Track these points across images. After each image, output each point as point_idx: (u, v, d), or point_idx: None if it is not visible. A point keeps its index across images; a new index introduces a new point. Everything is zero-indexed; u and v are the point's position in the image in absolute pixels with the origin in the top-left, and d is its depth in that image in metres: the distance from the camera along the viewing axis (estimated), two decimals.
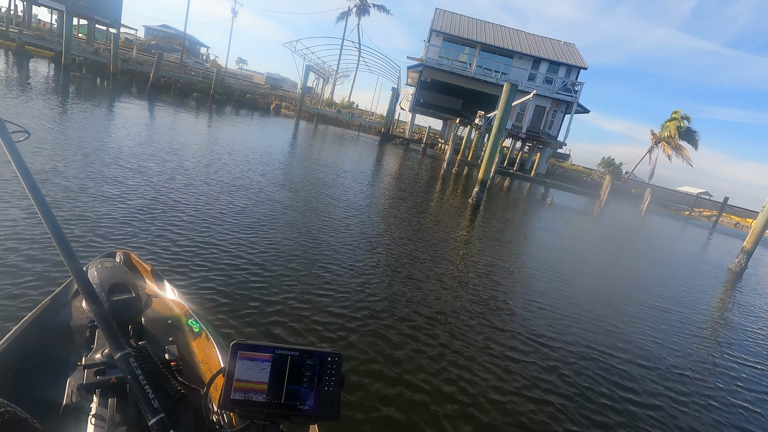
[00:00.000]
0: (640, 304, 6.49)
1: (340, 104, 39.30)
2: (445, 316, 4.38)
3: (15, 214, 4.18)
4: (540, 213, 15.99)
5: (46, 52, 24.87)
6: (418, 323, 4.09)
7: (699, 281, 9.56)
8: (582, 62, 29.24)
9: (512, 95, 12.21)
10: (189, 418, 1.39)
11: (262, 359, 1.07)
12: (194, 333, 1.83)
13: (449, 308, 4.63)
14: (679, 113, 32.75)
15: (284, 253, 5.02)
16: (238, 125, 18.73)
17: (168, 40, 46.62)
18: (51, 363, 1.45)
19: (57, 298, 1.79)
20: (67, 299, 1.82)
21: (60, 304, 1.77)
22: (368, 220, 7.68)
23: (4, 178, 4.95)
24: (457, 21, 31.07)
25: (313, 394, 1.07)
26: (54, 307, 1.73)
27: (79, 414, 1.23)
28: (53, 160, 6.29)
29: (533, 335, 4.40)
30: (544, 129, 29.44)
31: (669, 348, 4.95)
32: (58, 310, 1.73)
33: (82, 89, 16.40)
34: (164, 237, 4.66)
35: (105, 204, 5.12)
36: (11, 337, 1.46)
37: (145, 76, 24.46)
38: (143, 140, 9.60)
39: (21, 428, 0.77)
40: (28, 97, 11.21)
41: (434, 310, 4.47)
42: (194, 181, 7.23)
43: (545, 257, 8.19)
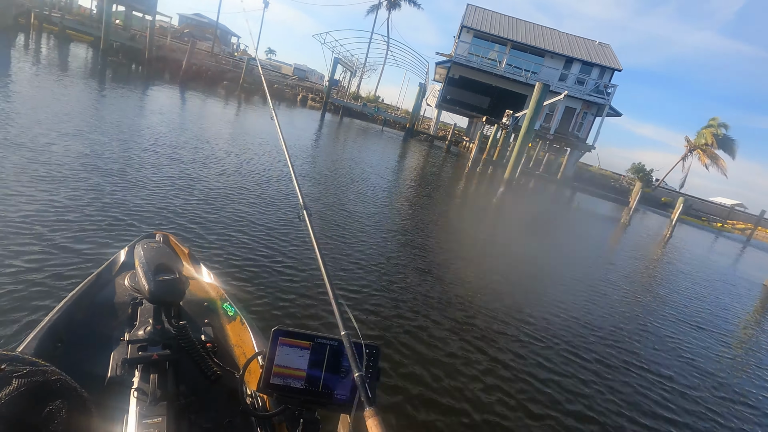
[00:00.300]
0: (668, 319, 6.28)
1: (366, 98, 39.27)
2: (471, 320, 4.34)
3: (60, 195, 4.33)
4: (566, 217, 15.65)
5: (86, 37, 25.65)
6: (448, 323, 4.06)
7: (733, 297, 9.19)
8: (617, 64, 28.33)
9: (543, 95, 11.95)
10: (223, 398, 1.42)
11: (301, 347, 1.08)
12: (229, 317, 1.87)
13: (477, 312, 4.58)
14: (716, 120, 31.48)
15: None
16: (265, 115, 18.96)
17: (201, 28, 47.43)
18: (96, 337, 1.50)
19: (101, 275, 1.85)
20: (111, 276, 1.89)
21: (104, 281, 1.84)
22: (393, 216, 7.66)
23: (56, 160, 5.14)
24: (488, 18, 30.53)
25: (351, 384, 1.07)
26: (99, 283, 1.80)
27: (123, 387, 1.27)
28: (94, 144, 6.48)
29: (566, 342, 4.31)
30: (573, 131, 28.72)
31: (710, 371, 4.78)
32: (103, 287, 1.80)
33: (118, 74, 16.87)
34: (199, 222, 4.78)
35: (143, 188, 5.26)
36: (61, 310, 1.51)
37: (177, 63, 24.97)
38: (176, 127, 9.81)
39: (71, 397, 0.79)
40: (69, 80, 11.59)
41: (467, 314, 4.42)
42: (228, 170, 7.35)
43: (570, 263, 8.01)
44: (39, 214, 3.81)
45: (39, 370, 0.78)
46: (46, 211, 3.90)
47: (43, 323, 1.43)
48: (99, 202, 4.46)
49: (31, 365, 0.78)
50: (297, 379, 1.07)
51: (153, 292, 1.37)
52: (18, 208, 3.81)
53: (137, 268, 1.46)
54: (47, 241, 3.44)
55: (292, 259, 4.50)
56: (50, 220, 3.77)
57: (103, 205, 4.43)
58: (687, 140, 33.09)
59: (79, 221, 3.93)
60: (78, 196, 4.44)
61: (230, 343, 1.75)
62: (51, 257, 3.24)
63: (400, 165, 16.03)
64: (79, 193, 4.50)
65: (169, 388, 1.28)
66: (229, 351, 1.70)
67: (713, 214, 34.77)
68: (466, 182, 16.13)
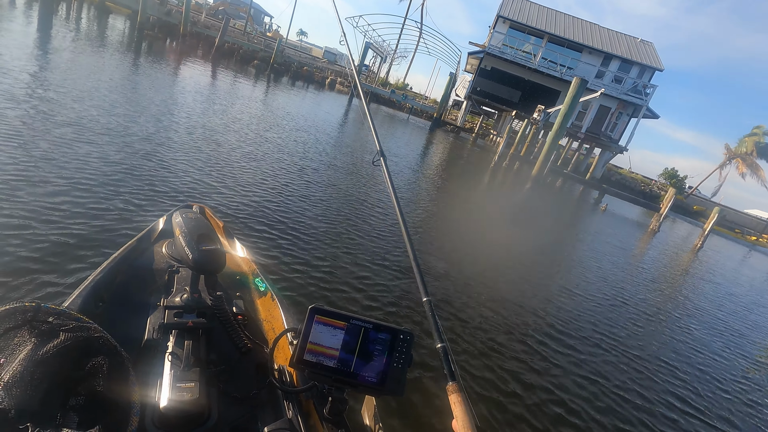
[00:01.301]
0: (695, 335, 6.03)
1: (394, 85, 38.86)
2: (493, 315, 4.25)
3: (99, 165, 4.40)
4: (592, 219, 15.23)
5: (124, 10, 26.05)
6: (477, 310, 3.99)
7: (762, 315, 8.79)
8: (658, 63, 27.11)
9: (580, 92, 11.53)
10: (252, 370, 1.45)
11: (337, 326, 1.09)
12: (260, 292, 1.90)
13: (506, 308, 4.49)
14: (761, 128, 29.92)
15: (342, 230, 5.03)
16: (294, 97, 18.97)
17: (235, 6, 47.61)
18: (135, 300, 1.55)
19: (141, 241, 1.90)
20: (150, 243, 1.93)
21: (143, 247, 1.89)
22: (418, 206, 7.57)
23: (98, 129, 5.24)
24: (526, 8, 29.58)
25: (381, 367, 1.08)
26: (138, 249, 1.85)
27: (157, 351, 1.30)
28: (131, 119, 6.58)
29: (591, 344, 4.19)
30: (606, 131, 27.78)
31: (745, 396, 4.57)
32: (142, 253, 1.85)
33: (153, 48, 17.10)
34: (234, 196, 4.87)
35: (181, 161, 5.35)
36: (104, 271, 1.56)
37: (211, 40, 25.18)
38: (209, 104, 9.89)
39: (112, 355, 0.81)
40: (107, 52, 11.80)
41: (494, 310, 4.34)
42: (263, 147, 7.38)
43: (596, 271, 7.78)
44: (82, 181, 3.92)
45: (84, 326, 0.80)
46: (85, 179, 4.00)
47: (87, 283, 1.46)
48: (139, 172, 4.56)
49: (77, 321, 0.81)
50: (330, 357, 1.08)
51: (197, 260, 1.39)
52: (64, 174, 3.92)
53: (178, 237, 1.48)
54: (88, 205, 3.54)
55: (323, 239, 4.49)
56: (91, 188, 3.87)
57: (142, 175, 4.53)
58: (727, 148, 31.64)
59: (122, 188, 4.04)
60: (119, 166, 4.54)
61: (260, 318, 1.78)
62: (94, 220, 3.34)
63: (425, 155, 15.84)
64: (121, 164, 4.60)
65: (201, 355, 1.31)
66: (259, 325, 1.74)
67: (748, 227, 33.32)
68: (491, 176, 15.83)
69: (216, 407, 1.22)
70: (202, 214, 2.13)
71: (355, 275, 4.05)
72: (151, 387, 1.19)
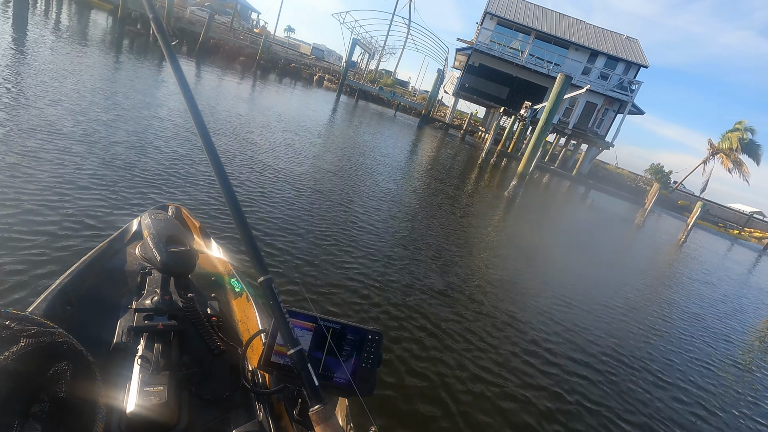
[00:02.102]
0: (677, 329, 6.11)
1: (383, 81, 38.73)
2: (471, 306, 4.23)
3: (75, 165, 4.28)
4: (578, 214, 15.36)
5: (106, 5, 25.52)
6: (445, 312, 3.96)
7: (747, 309, 8.94)
8: (643, 60, 27.41)
9: (565, 87, 11.57)
10: (225, 372, 1.43)
11: (304, 327, 1.08)
12: (235, 292, 1.88)
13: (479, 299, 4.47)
14: (743, 124, 30.43)
15: (322, 230, 4.97)
16: (281, 94, 18.79)
17: (221, 2, 46.98)
18: (104, 303, 1.52)
19: (113, 243, 1.86)
20: (122, 245, 1.90)
21: (116, 249, 1.85)
22: (401, 204, 7.53)
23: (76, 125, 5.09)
24: (513, 5, 29.66)
25: (350, 368, 1.08)
26: (111, 250, 1.81)
27: (127, 354, 1.28)
28: (107, 121, 6.42)
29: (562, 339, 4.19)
30: (592, 127, 28.04)
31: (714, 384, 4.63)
32: (114, 255, 1.82)
33: (135, 44, 16.78)
34: (212, 197, 4.76)
35: (156, 160, 5.23)
36: (71, 274, 1.53)
37: (195, 36, 24.80)
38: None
39: (77, 359, 0.80)
40: (84, 48, 11.53)
41: (464, 298, 4.32)
42: (243, 146, 7.26)
43: (579, 264, 7.83)
44: (56, 182, 3.81)
45: (47, 331, 0.79)
46: (62, 179, 3.89)
47: (54, 286, 1.43)
48: (112, 173, 4.43)
49: (39, 326, 0.79)
50: None
51: (165, 262, 1.37)
52: (34, 176, 3.80)
53: (147, 239, 1.45)
54: (61, 208, 3.44)
55: (306, 239, 4.42)
56: (65, 188, 3.77)
57: (117, 176, 4.41)
58: (710, 143, 32.12)
59: (94, 190, 3.93)
60: (92, 166, 4.41)
61: (235, 319, 1.76)
62: (65, 224, 3.24)
63: (413, 152, 15.81)
64: (94, 163, 4.47)
65: (172, 358, 1.30)
66: (234, 326, 1.72)
67: (731, 221, 33.96)
68: (478, 173, 15.87)
69: (186, 411, 1.21)
70: (177, 214, 2.12)
71: (334, 275, 4.00)
72: (118, 391, 1.17)
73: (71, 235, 3.13)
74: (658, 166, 31.49)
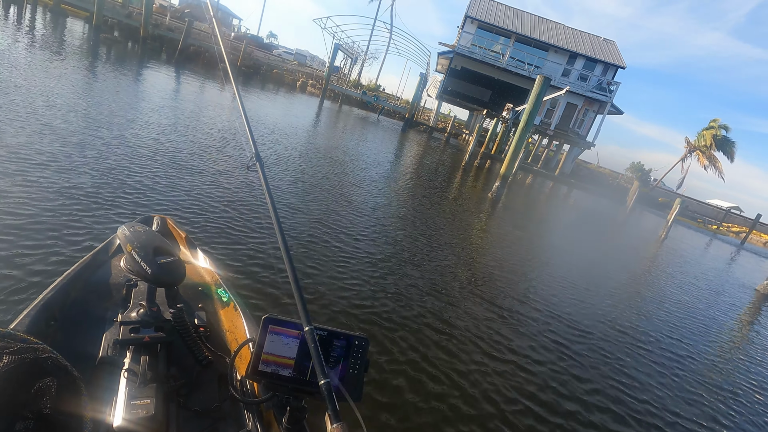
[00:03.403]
0: (659, 322, 6.19)
1: (367, 86, 38.80)
2: (454, 307, 4.22)
3: (56, 178, 4.14)
4: (560, 213, 15.55)
5: (82, 12, 25.05)
6: (431, 313, 3.94)
7: (725, 301, 9.13)
8: (621, 61, 28.03)
9: (544, 89, 11.72)
10: (213, 382, 1.43)
11: (291, 335, 1.08)
12: (223, 302, 1.88)
13: (460, 300, 4.46)
14: (717, 122, 31.27)
15: (304, 237, 4.91)
16: (264, 101, 18.66)
17: (202, 9, 46.48)
18: (90, 317, 1.51)
19: (97, 256, 1.85)
20: (107, 257, 1.89)
21: (100, 262, 1.84)
22: (384, 208, 7.51)
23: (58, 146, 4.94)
24: (493, 8, 30.07)
25: (338, 374, 1.08)
26: (94, 264, 1.81)
27: (113, 368, 1.27)
28: (89, 126, 6.27)
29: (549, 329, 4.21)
30: (574, 128, 28.52)
31: (690, 367, 4.69)
32: (98, 268, 1.81)
33: (110, 51, 16.47)
34: (198, 207, 4.68)
35: (140, 171, 5.13)
36: (55, 289, 1.51)
37: (175, 43, 24.51)
38: (169, 111, 9.57)
39: (61, 375, 0.80)
40: (54, 56, 11.28)
41: (446, 301, 4.30)
42: (229, 157, 7.16)
43: (561, 262, 7.91)
44: (38, 195, 3.72)
45: (30, 347, 0.78)
46: (43, 192, 3.80)
47: (37, 301, 1.42)
48: (95, 185, 4.33)
49: (22, 342, 0.79)
50: (285, 367, 1.08)
51: (155, 274, 1.36)
52: (17, 187, 3.69)
53: (133, 251, 1.44)
54: (41, 222, 3.34)
55: (299, 251, 4.35)
56: (46, 202, 3.68)
57: (100, 188, 4.30)
58: (687, 141, 32.93)
59: (76, 203, 3.83)
60: (74, 179, 4.29)
61: (223, 329, 1.76)
62: (47, 238, 3.15)
63: (397, 156, 15.84)
64: (75, 176, 4.36)
65: (159, 370, 1.30)
66: (222, 336, 1.72)
67: (709, 217, 34.82)
68: (462, 175, 15.96)
69: (174, 423, 1.20)
70: (163, 225, 2.13)
71: (321, 282, 3.95)
72: (105, 406, 1.16)
73: (53, 249, 3.03)
74: (638, 164, 32.14)
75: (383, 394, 2.76)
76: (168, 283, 1.43)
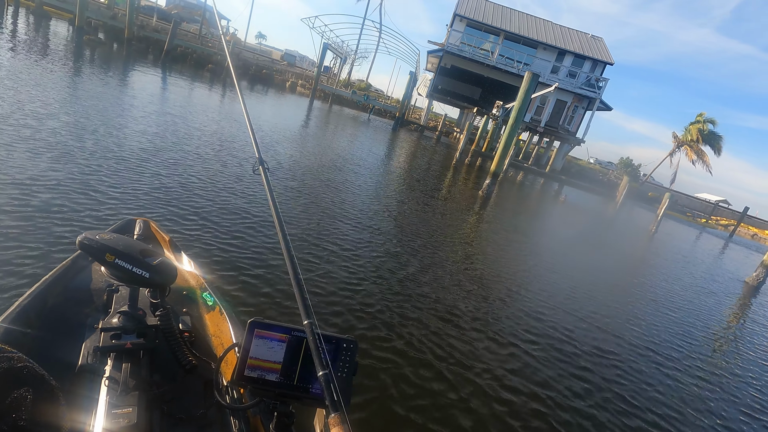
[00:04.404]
0: (651, 316, 6.21)
1: (357, 86, 38.68)
2: (445, 305, 4.17)
3: (37, 181, 4.02)
4: (551, 210, 15.61)
5: (65, 14, 24.66)
6: (424, 312, 3.89)
7: (715, 293, 9.21)
8: (609, 57, 28.23)
9: (532, 86, 11.75)
10: (198, 388, 1.39)
11: (278, 339, 1.06)
12: (208, 306, 1.84)
13: (451, 298, 4.42)
14: (703, 116, 31.60)
15: (295, 237, 4.82)
16: (253, 101, 18.50)
17: (189, 10, 46.06)
18: (68, 323, 1.45)
19: (77, 261, 1.79)
20: (87, 262, 1.83)
21: (79, 267, 1.78)
22: (374, 208, 7.46)
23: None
24: (482, 6, 30.12)
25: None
26: (74, 269, 1.74)
27: (94, 376, 1.24)
28: (69, 129, 6.12)
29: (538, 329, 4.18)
30: (563, 124, 28.67)
31: (678, 359, 4.70)
32: (78, 273, 1.75)
33: (93, 54, 16.20)
34: (182, 210, 4.59)
35: (122, 174, 5.01)
36: (32, 295, 1.46)
37: (162, 44, 24.21)
38: (152, 112, 9.42)
39: (38, 385, 0.78)
40: (33, 58, 11.06)
41: (437, 301, 4.25)
42: (211, 159, 7.05)
43: (553, 256, 7.91)
44: (16, 198, 3.61)
45: (4, 356, 0.76)
46: (22, 196, 3.69)
47: (12, 308, 1.38)
48: (77, 187, 4.22)
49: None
50: (272, 371, 1.06)
51: (149, 275, 1.32)
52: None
53: (116, 256, 1.37)
54: (21, 226, 3.25)
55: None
56: (26, 205, 3.57)
57: (82, 190, 4.20)
58: (674, 136, 33.25)
59: (57, 206, 3.74)
60: (55, 181, 4.18)
61: (208, 334, 1.72)
62: (25, 243, 3.05)
63: (388, 155, 15.79)
64: (56, 179, 4.25)
65: (142, 377, 1.27)
66: (207, 341, 1.68)
67: (698, 210, 35.24)
68: (453, 174, 15.95)
69: (158, 431, 1.17)
70: (146, 228, 2.09)
71: (312, 283, 3.87)
72: (85, 416, 1.12)
73: (32, 253, 2.94)
74: (627, 159, 32.42)
75: (372, 395, 2.70)
76: (160, 284, 1.39)
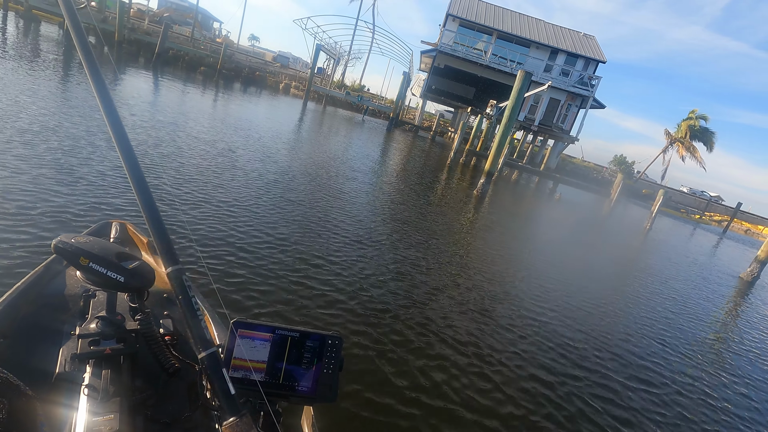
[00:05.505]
0: (646, 311, 6.19)
1: (351, 87, 38.61)
2: (439, 306, 4.12)
3: (12, 181, 3.94)
4: (546, 208, 15.61)
5: (55, 18, 24.46)
6: (412, 312, 3.84)
7: (710, 289, 9.22)
8: (601, 55, 28.34)
9: (525, 84, 11.74)
10: (182, 392, 1.38)
11: (261, 338, 1.06)
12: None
13: (445, 298, 4.36)
14: (695, 112, 31.82)
15: (284, 239, 4.77)
16: (245, 104, 18.40)
17: (181, 12, 45.80)
18: (44, 331, 1.43)
19: (51, 266, 1.73)
20: (62, 267, 1.77)
21: (55, 272, 1.72)
22: (370, 207, 7.40)
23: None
24: (474, 6, 30.16)
25: (312, 375, 1.07)
26: (48, 274, 1.69)
27: (72, 384, 1.21)
28: (46, 131, 6.03)
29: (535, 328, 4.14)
30: (557, 123, 28.75)
31: (674, 357, 4.67)
32: (53, 278, 1.69)
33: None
34: (166, 212, 4.46)
35: (99, 177, 4.91)
36: (4, 303, 1.41)
37: (153, 47, 24.05)
38: (144, 116, 9.32)
39: (13, 395, 0.76)
40: (15, 65, 10.92)
41: (430, 301, 4.20)
42: (194, 159, 6.96)
43: (548, 254, 7.88)
44: None
45: None
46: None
47: None
48: (50, 190, 4.13)
49: None
50: (257, 371, 1.05)
51: (126, 280, 1.27)
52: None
53: (91, 260, 1.32)
54: None
55: (261, 248, 4.21)
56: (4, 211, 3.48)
57: (55, 193, 4.10)
58: (667, 133, 33.44)
59: (30, 210, 3.64)
60: (29, 184, 4.08)
61: (190, 335, 1.64)
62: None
63: (382, 156, 15.74)
64: (31, 182, 4.14)
65: (123, 383, 1.24)
66: (190, 344, 1.61)
67: (692, 206, 35.44)
68: (447, 173, 15.92)
69: None
70: (123, 231, 2.03)
71: (293, 284, 3.81)
72: (64, 425, 1.10)
73: (4, 262, 2.86)
74: (621, 157, 32.57)
75: (358, 391, 2.65)
76: (137, 287, 1.33)
